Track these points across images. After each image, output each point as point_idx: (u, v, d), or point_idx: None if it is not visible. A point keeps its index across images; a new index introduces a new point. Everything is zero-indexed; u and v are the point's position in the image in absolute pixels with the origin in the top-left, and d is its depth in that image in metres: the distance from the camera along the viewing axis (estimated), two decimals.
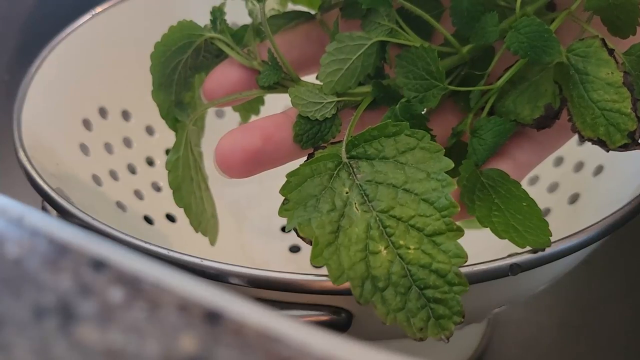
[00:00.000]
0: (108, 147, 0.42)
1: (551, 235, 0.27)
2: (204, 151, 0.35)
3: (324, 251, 0.25)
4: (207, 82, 0.30)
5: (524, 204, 0.27)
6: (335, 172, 0.26)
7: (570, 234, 0.29)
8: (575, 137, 0.27)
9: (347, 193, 0.26)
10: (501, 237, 0.26)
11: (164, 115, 0.32)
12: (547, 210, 0.41)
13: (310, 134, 0.28)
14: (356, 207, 0.25)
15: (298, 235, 0.26)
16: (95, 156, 0.41)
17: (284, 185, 0.26)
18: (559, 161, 0.43)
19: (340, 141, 0.27)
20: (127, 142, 0.44)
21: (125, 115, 0.44)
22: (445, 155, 0.26)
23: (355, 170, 0.26)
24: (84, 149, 0.41)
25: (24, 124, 0.36)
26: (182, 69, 0.31)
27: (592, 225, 0.30)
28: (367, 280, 0.25)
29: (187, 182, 0.32)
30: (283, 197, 0.26)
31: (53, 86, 0.40)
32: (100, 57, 0.43)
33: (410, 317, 0.25)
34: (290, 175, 0.26)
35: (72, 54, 0.41)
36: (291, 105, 0.28)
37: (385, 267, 0.25)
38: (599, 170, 0.40)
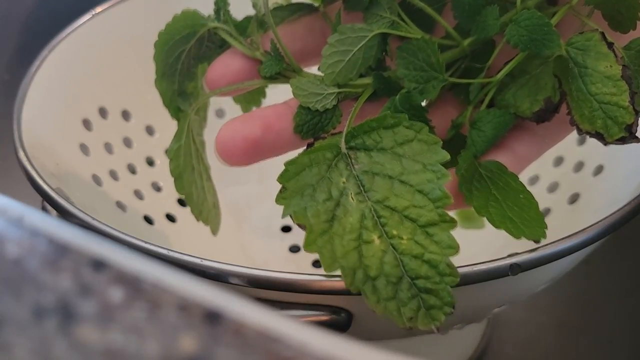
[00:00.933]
0: (108, 147, 0.42)
1: (547, 228, 0.27)
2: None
3: (317, 239, 0.25)
4: (210, 71, 0.30)
5: (521, 196, 0.28)
6: (334, 163, 0.26)
7: (570, 234, 0.29)
8: (576, 137, 0.27)
9: (343, 183, 0.26)
10: (497, 227, 0.27)
11: (166, 104, 0.33)
12: (547, 210, 0.41)
13: (311, 124, 0.28)
14: (352, 197, 0.26)
15: (293, 221, 0.26)
16: (95, 156, 0.41)
17: (281, 174, 0.26)
18: (559, 161, 0.43)
19: (340, 132, 0.27)
20: (127, 142, 0.44)
21: (125, 115, 0.44)
22: (444, 147, 0.26)
23: (353, 160, 0.26)
24: (84, 148, 0.41)
25: (24, 124, 0.36)
26: (185, 58, 0.32)
27: (591, 225, 0.30)
28: (359, 269, 0.25)
29: (188, 171, 0.32)
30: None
31: (53, 86, 0.40)
32: (100, 57, 0.43)
33: (401, 306, 0.25)
34: (288, 164, 0.26)
35: (72, 54, 0.41)
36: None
37: (378, 257, 0.25)
38: (598, 170, 0.40)
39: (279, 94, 0.32)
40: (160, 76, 0.32)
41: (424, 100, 0.28)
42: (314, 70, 0.30)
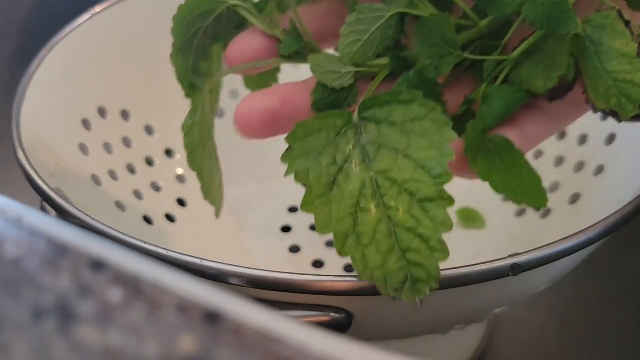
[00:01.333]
0: (107, 147, 0.42)
1: (548, 200, 0.27)
2: None
3: (315, 200, 0.26)
4: (230, 49, 0.30)
5: (525, 171, 0.28)
6: (343, 130, 0.27)
7: (572, 234, 0.29)
8: (577, 137, 0.27)
9: (349, 151, 0.26)
10: (499, 192, 0.27)
11: (180, 80, 0.33)
12: (548, 211, 0.41)
13: (328, 101, 0.28)
14: (355, 165, 0.26)
15: (295, 180, 0.26)
16: (95, 156, 0.41)
17: (290, 133, 0.27)
18: (559, 161, 0.43)
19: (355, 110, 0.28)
20: (127, 142, 0.44)
21: (125, 115, 0.44)
22: (454, 122, 0.26)
23: (362, 130, 0.27)
24: (83, 148, 0.41)
25: (23, 124, 0.36)
26: (202, 36, 0.32)
27: (593, 225, 0.30)
28: (352, 235, 0.25)
29: (200, 148, 0.32)
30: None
31: (52, 86, 0.40)
32: (100, 57, 0.43)
33: (388, 276, 0.25)
34: (299, 125, 0.27)
35: (71, 53, 0.41)
36: None
37: (372, 226, 0.25)
38: (599, 170, 0.40)
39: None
40: (177, 51, 0.32)
41: (438, 77, 0.29)
42: (331, 52, 0.30)
